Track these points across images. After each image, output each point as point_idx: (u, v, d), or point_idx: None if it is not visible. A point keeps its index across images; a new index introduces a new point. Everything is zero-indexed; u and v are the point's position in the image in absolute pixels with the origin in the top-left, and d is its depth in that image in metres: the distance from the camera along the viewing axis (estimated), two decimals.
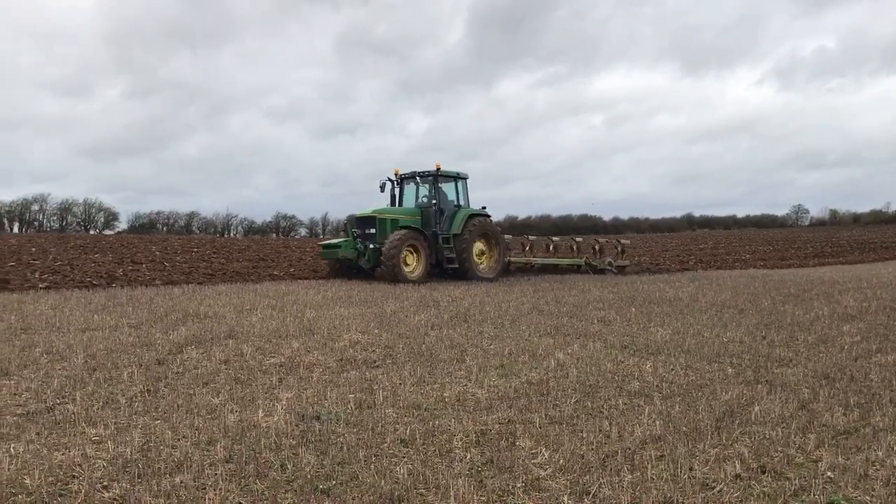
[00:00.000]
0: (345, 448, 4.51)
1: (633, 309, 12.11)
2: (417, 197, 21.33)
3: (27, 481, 3.86)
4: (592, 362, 7.36)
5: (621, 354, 7.87)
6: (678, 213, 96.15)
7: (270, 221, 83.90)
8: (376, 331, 9.45)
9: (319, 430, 4.88)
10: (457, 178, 21.32)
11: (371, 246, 19.08)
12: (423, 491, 3.83)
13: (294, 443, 4.61)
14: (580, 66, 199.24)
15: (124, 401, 5.70)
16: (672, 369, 7.08)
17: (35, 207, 73.04)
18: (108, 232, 67.31)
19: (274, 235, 75.70)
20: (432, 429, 4.96)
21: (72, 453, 4.35)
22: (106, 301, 12.93)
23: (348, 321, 10.36)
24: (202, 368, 7.00)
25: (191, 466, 4.14)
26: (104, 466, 4.14)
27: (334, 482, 3.93)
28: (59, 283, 16.75)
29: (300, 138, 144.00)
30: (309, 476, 4.01)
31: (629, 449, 4.53)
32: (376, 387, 6.22)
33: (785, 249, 41.11)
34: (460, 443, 4.66)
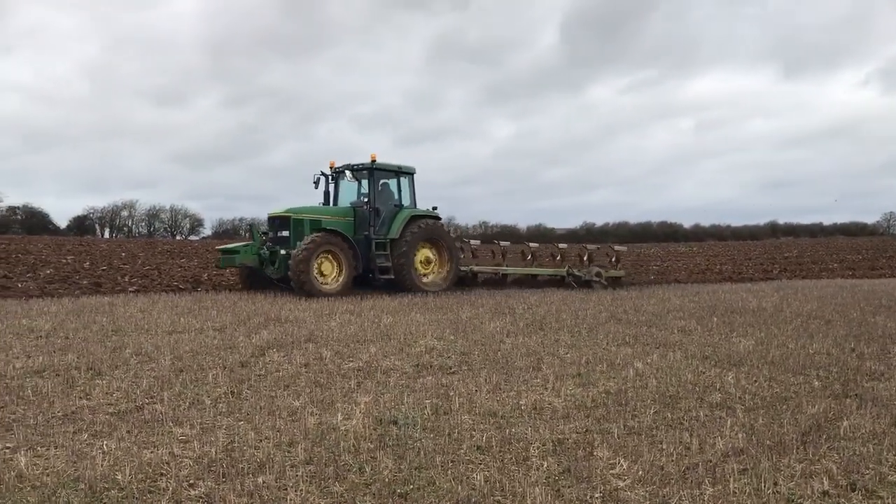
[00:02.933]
0: (422, 453, 4.54)
1: (715, 318, 11.82)
2: (358, 195, 18.41)
3: (119, 477, 4.02)
4: (672, 372, 7.22)
5: (702, 365, 7.70)
6: (762, 221, 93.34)
7: None
8: (451, 337, 9.49)
9: (397, 435, 4.93)
10: (399, 172, 18.36)
11: (282, 252, 16.15)
12: (500, 498, 3.82)
13: (372, 446, 4.67)
14: (673, 69, 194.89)
15: (209, 402, 5.88)
16: (755, 381, 6.88)
17: (124, 213, 75.89)
18: (192, 238, 69.47)
19: None
20: (508, 436, 4.95)
21: (160, 452, 4.51)
22: (191, 304, 13.37)
23: (424, 327, 10.44)
24: (283, 371, 7.16)
25: (273, 467, 4.23)
26: (190, 465, 4.27)
27: (411, 487, 3.96)
28: (148, 286, 17.41)
29: (385, 146, 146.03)
30: (387, 480, 4.05)
31: (710, 462, 4.43)
32: (452, 393, 6.24)
33: (875, 258, 39.41)
34: (537, 451, 4.63)
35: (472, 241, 21.46)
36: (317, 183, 18.32)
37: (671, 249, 39.79)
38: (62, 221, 67.53)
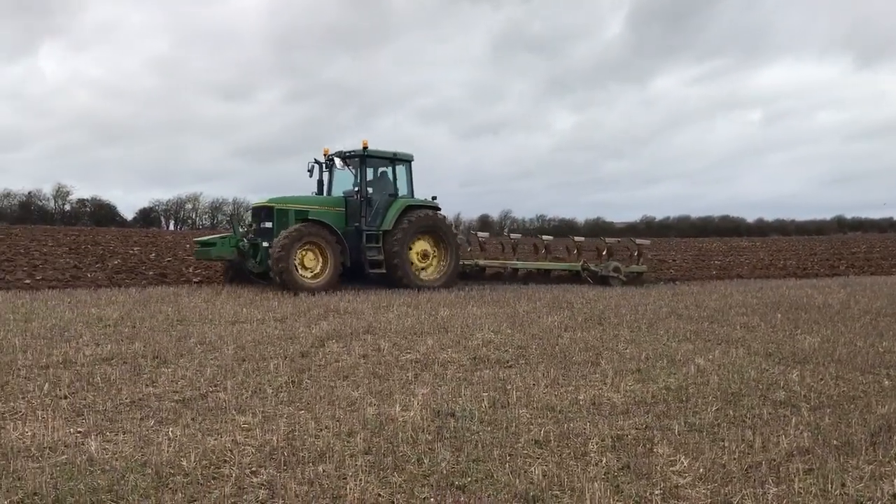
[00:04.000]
0: (479, 446, 4.55)
1: (779, 315, 11.54)
2: (354, 184, 17.06)
3: (184, 463, 4.12)
4: (735, 369, 7.08)
5: (766, 362, 7.53)
6: (828, 215, 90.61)
7: None
8: (509, 331, 9.47)
9: (454, 427, 4.94)
10: (394, 159, 17.11)
11: (264, 244, 15.16)
12: (558, 492, 3.81)
13: (430, 438, 4.70)
14: (742, 59, 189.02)
15: (271, 391, 5.99)
16: (821, 379, 6.70)
17: (188, 206, 77.54)
18: None
19: None
20: (566, 431, 4.92)
21: (223, 439, 4.62)
22: (253, 296, 13.63)
23: (481, 320, 10.44)
24: (342, 362, 7.25)
25: (332, 456, 4.29)
26: (252, 453, 4.36)
27: (469, 479, 3.97)
28: (211, 277, 17.79)
29: (445, 138, 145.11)
30: (444, 472, 4.07)
31: (774, 461, 4.33)
32: (510, 386, 6.23)
33: None
34: (596, 446, 4.60)
35: (480, 234, 20.50)
36: (311, 171, 17.26)
37: (733, 244, 38.92)
38: (129, 213, 69.35)
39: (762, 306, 12.96)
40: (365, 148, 16.34)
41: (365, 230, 16.05)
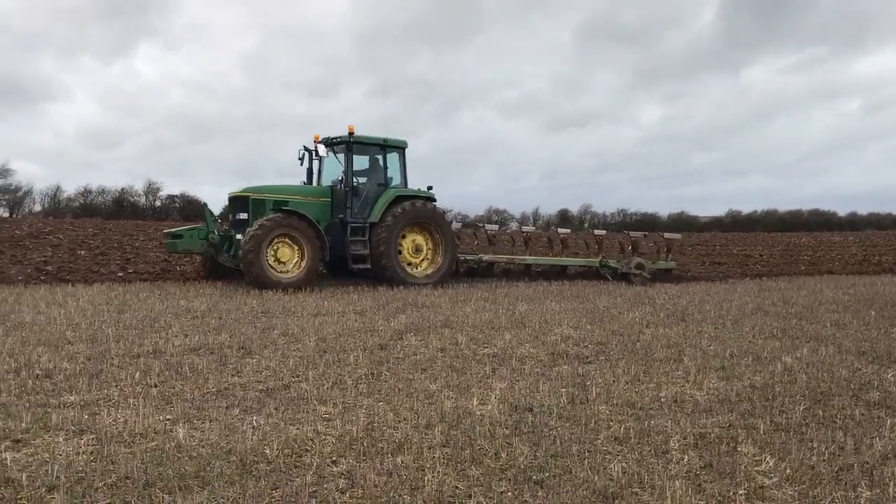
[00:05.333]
0: (558, 441, 4.51)
1: (872, 312, 11.06)
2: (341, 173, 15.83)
3: (267, 451, 4.23)
4: (824, 368, 6.82)
5: (858, 361, 7.23)
6: None
7: (482, 215, 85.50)
8: (588, 326, 9.37)
9: (532, 422, 4.92)
10: (384, 146, 15.97)
11: (238, 236, 14.18)
12: (638, 490, 3.75)
13: (507, 432, 4.69)
14: (842, 47, 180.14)
15: (350, 382, 6.08)
16: None
17: None
18: None
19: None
20: (647, 428, 4.83)
21: (305, 428, 4.71)
22: (334, 289, 13.86)
23: (559, 315, 10.36)
24: (420, 355, 7.30)
25: (411, 448, 4.33)
26: (333, 443, 4.44)
27: (547, 474, 3.94)
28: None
29: (528, 132, 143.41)
30: (522, 466, 4.05)
31: (867, 463, 4.16)
32: (589, 382, 6.16)
33: None
34: (677, 444, 4.51)
35: (489, 227, 19.16)
36: (301, 160, 16.18)
37: (823, 239, 37.44)
38: (216, 209, 71.36)
39: (854, 303, 12.45)
40: (351, 133, 15.35)
41: (350, 222, 15.04)
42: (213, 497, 3.56)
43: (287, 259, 14.08)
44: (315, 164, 16.35)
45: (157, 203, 65.13)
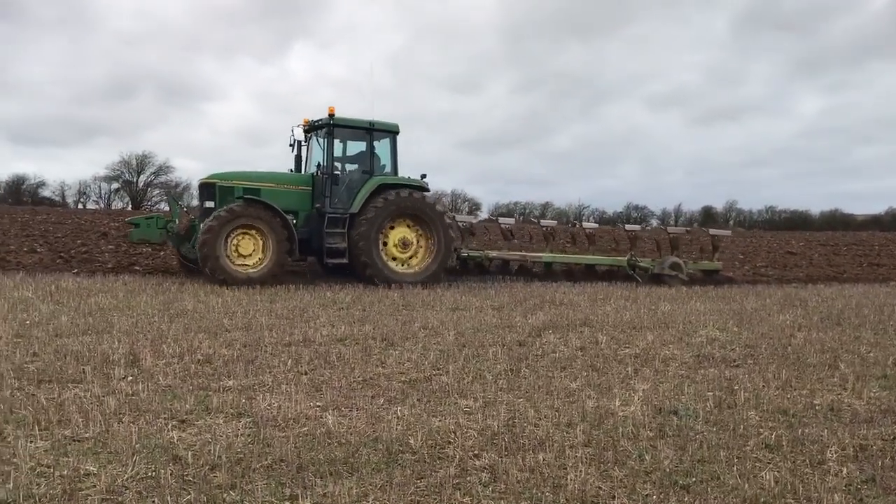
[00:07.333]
0: (704, 446, 4.37)
1: None
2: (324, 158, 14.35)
3: (411, 441, 4.33)
4: None
5: None
6: None
7: (621, 212, 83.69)
8: (735, 328, 9.01)
9: (677, 426, 4.79)
10: (371, 130, 14.43)
11: (201, 225, 12.91)
12: (792, 501, 3.58)
13: (651, 435, 4.59)
14: None
15: (490, 377, 6.13)
16: None
17: None
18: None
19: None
20: (801, 437, 4.60)
21: (447, 421, 4.80)
22: (472, 284, 14.00)
23: (704, 316, 10.02)
24: (559, 353, 7.26)
25: (552, 446, 4.32)
26: (474, 436, 4.49)
27: (694, 479, 3.83)
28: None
29: (676, 125, 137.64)
30: (667, 470, 3.96)
31: None
32: (737, 387, 5.93)
33: None
34: (835, 455, 4.27)
35: (503, 220, 18.06)
36: (293, 146, 15.00)
37: None
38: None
39: None
40: (331, 115, 13.95)
41: (328, 212, 13.68)
42: (361, 483, 3.69)
43: (248, 252, 12.94)
44: (304, 151, 15.25)
45: None
